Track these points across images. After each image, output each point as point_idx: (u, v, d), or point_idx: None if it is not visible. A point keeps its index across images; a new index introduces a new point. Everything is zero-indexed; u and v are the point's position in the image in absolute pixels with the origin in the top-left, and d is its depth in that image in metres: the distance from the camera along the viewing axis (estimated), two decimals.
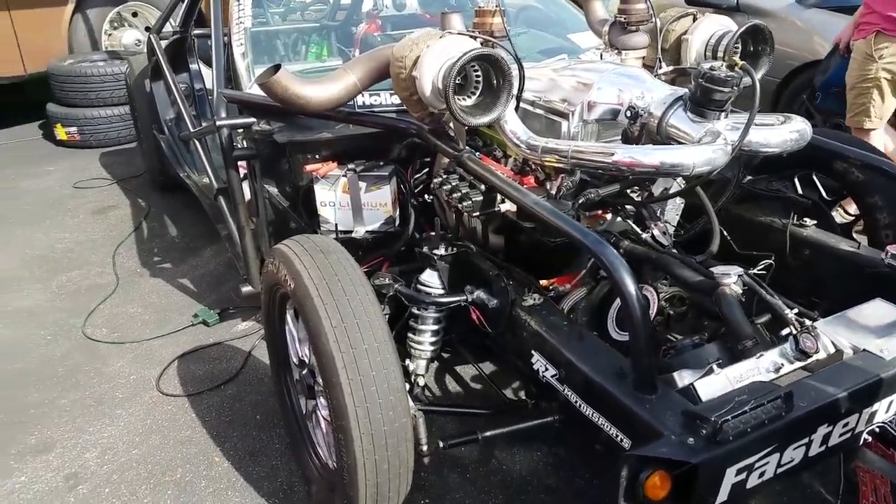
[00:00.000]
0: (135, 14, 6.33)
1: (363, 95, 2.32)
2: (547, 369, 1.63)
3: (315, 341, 1.65)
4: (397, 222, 2.34)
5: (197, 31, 4.13)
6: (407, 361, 2.01)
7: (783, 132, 1.82)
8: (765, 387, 1.39)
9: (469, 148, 2.07)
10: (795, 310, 1.63)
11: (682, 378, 1.51)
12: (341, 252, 1.82)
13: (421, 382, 2.04)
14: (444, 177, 2.09)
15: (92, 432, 2.46)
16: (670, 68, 2.37)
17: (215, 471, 2.26)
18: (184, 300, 3.31)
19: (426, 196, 2.37)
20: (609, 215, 2.04)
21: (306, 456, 2.09)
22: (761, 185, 2.27)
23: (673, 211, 2.12)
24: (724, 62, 1.83)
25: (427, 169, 2.41)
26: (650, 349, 1.44)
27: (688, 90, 1.83)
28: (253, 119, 2.43)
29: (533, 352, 1.68)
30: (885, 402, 1.46)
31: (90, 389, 2.69)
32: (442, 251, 2.03)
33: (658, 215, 2.01)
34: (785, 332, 1.59)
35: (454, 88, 1.79)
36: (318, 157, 2.37)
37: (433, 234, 2.10)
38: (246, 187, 2.59)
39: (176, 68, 3.87)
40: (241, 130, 2.53)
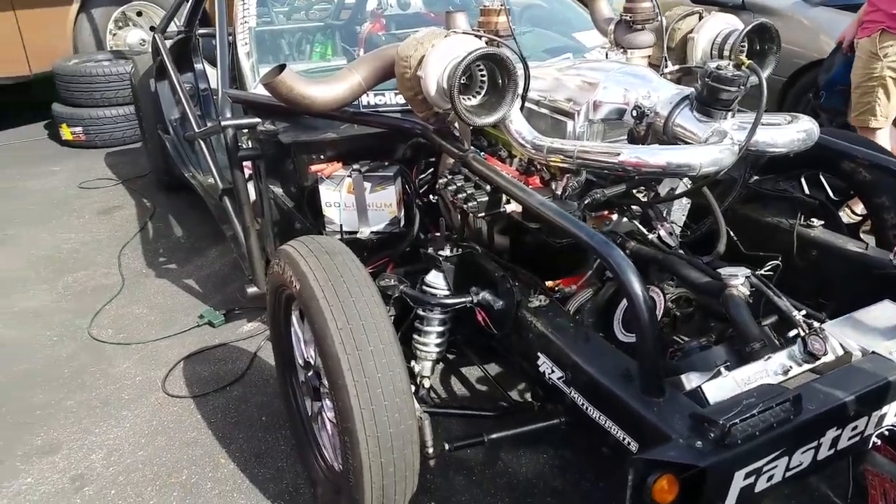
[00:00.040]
0: (139, 13, 6.34)
1: (368, 95, 2.31)
2: (553, 371, 1.63)
3: (321, 343, 1.65)
4: (402, 223, 2.33)
5: (201, 31, 4.13)
6: (412, 363, 2.00)
7: (790, 132, 1.81)
8: (773, 389, 1.38)
9: (474, 148, 2.07)
10: (803, 311, 1.62)
11: (690, 381, 1.50)
12: (347, 253, 1.81)
13: (426, 384, 2.03)
14: (450, 177, 2.08)
15: (98, 433, 2.46)
16: (676, 67, 2.36)
17: (221, 472, 2.26)
18: (189, 301, 3.31)
19: (431, 196, 2.37)
20: (615, 216, 2.03)
21: (312, 458, 2.09)
22: (768, 185, 2.26)
23: (679, 211, 2.10)
24: (731, 61, 1.82)
25: (432, 169, 2.41)
26: (657, 352, 1.43)
27: (694, 89, 1.82)
28: (258, 119, 2.43)
29: (539, 354, 1.68)
30: (895, 404, 1.45)
31: (96, 390, 2.69)
32: (447, 252, 2.02)
33: (664, 216, 1.99)
34: (792, 334, 1.57)
35: (459, 88, 1.78)
36: (322, 157, 2.37)
37: (438, 234, 2.10)
38: (251, 187, 2.59)
39: (181, 68, 3.87)
40: (245, 130, 2.53)
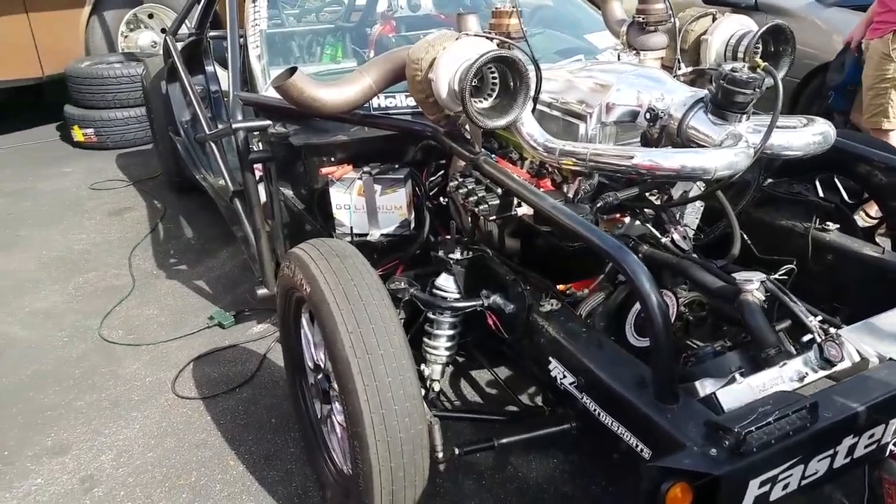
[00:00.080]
0: (151, 16, 6.37)
1: (378, 97, 2.30)
2: (565, 376, 1.61)
3: (331, 346, 1.64)
4: (412, 225, 2.32)
5: (213, 33, 4.14)
6: (422, 366, 1.99)
7: (806, 135, 1.78)
8: (789, 397, 1.35)
9: (485, 150, 2.05)
10: (819, 317, 1.60)
11: (704, 387, 1.48)
12: (357, 256, 1.81)
13: (436, 388, 2.02)
14: (460, 180, 2.07)
15: (108, 434, 2.47)
16: (689, 69, 2.34)
17: (230, 475, 2.26)
18: (199, 302, 3.31)
19: (441, 199, 2.35)
20: (627, 219, 2.01)
21: (321, 461, 2.08)
22: (782, 188, 2.23)
23: (692, 214, 2.08)
24: (746, 63, 1.80)
25: (442, 171, 2.40)
26: (672, 358, 1.41)
27: (708, 92, 1.79)
28: (269, 122, 2.43)
29: (550, 358, 1.66)
30: None
31: (106, 391, 2.70)
32: (458, 255, 2.00)
33: (677, 219, 1.97)
34: (807, 339, 1.55)
35: (470, 91, 1.77)
36: (333, 159, 2.36)
37: (449, 237, 2.08)
38: (262, 190, 2.59)
39: (192, 70, 3.88)
40: (256, 133, 2.52)
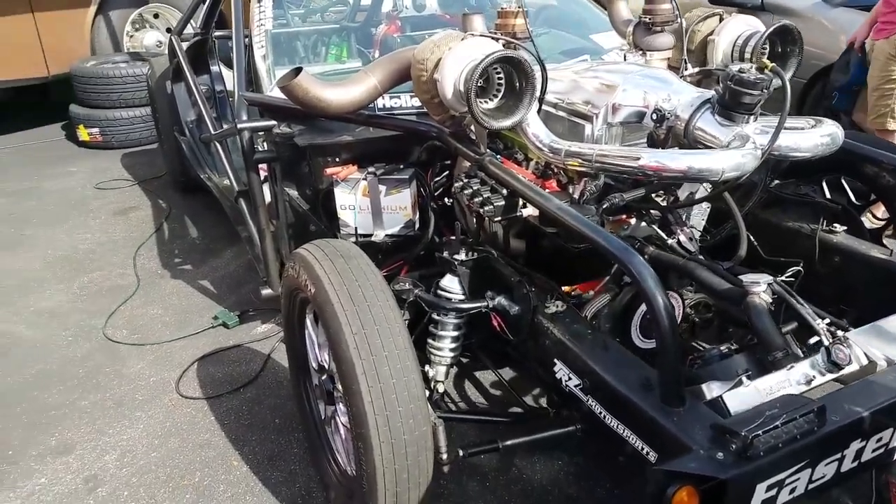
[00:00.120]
0: (156, 16, 6.38)
1: (383, 98, 2.30)
2: (570, 379, 1.60)
3: (335, 347, 1.63)
4: (417, 226, 2.31)
5: (218, 33, 4.15)
6: (426, 367, 1.98)
7: (814, 136, 1.77)
8: (796, 400, 1.34)
9: (490, 151, 2.05)
10: (827, 320, 1.59)
11: (711, 390, 1.48)
12: (362, 257, 1.80)
13: (440, 389, 2.01)
14: (465, 180, 2.06)
15: (112, 434, 2.46)
16: (696, 70, 2.33)
17: (234, 475, 2.25)
18: (204, 302, 3.31)
19: (446, 199, 2.35)
20: (633, 220, 2.00)
21: (325, 461, 2.08)
22: (789, 189, 2.22)
23: (699, 216, 2.07)
24: (753, 64, 1.79)
25: (447, 172, 2.39)
26: (678, 360, 1.40)
27: (715, 93, 1.78)
28: (274, 122, 2.43)
29: (556, 360, 1.65)
30: None
31: (110, 391, 2.70)
32: (462, 256, 2.00)
33: (684, 220, 1.97)
34: (813, 341, 1.54)
35: (476, 91, 1.76)
36: (338, 160, 2.36)
37: (453, 238, 2.08)
38: (266, 190, 2.59)
39: (197, 70, 3.87)
40: (261, 133, 2.52)
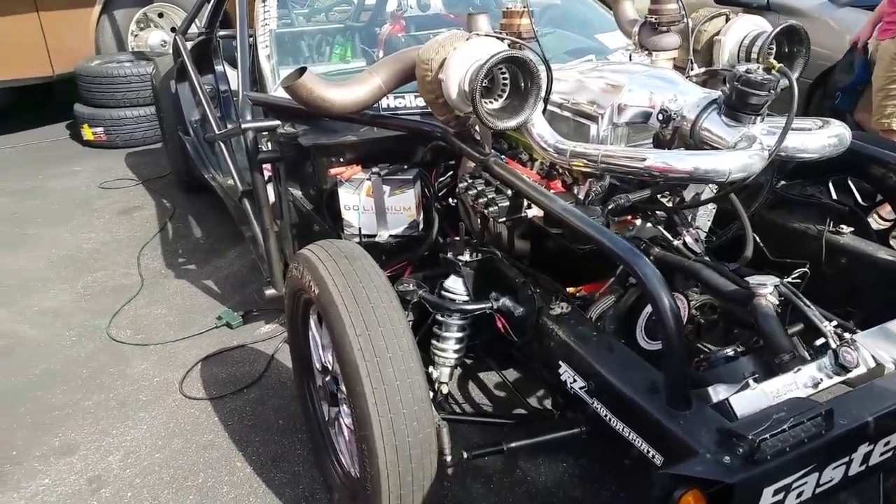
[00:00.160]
0: (161, 15, 6.38)
1: (388, 98, 2.29)
2: (575, 381, 1.59)
3: (339, 349, 1.63)
4: (421, 226, 2.31)
5: (222, 33, 4.15)
6: (430, 369, 1.97)
7: (822, 137, 1.76)
8: (804, 403, 1.33)
9: (495, 151, 2.04)
10: (834, 322, 1.57)
11: (717, 393, 1.46)
12: (366, 258, 1.79)
13: (444, 390, 2.00)
14: (470, 181, 2.05)
15: (115, 435, 2.46)
16: (702, 70, 2.32)
17: (237, 476, 2.25)
18: (208, 302, 3.31)
19: (450, 200, 2.34)
20: (639, 221, 1.99)
21: (329, 463, 2.07)
22: (795, 190, 2.20)
23: (704, 217, 2.06)
24: (760, 64, 1.78)
25: (452, 172, 2.38)
26: (684, 363, 1.39)
27: (721, 93, 1.77)
28: (278, 122, 2.42)
29: (560, 362, 1.64)
30: None
31: (114, 391, 2.70)
32: (467, 257, 1.99)
33: (689, 221, 1.95)
34: (820, 343, 1.53)
35: (481, 91, 1.75)
36: (342, 160, 2.35)
37: (458, 239, 2.07)
38: (270, 190, 2.58)
39: (201, 70, 3.88)
40: (265, 133, 2.52)
